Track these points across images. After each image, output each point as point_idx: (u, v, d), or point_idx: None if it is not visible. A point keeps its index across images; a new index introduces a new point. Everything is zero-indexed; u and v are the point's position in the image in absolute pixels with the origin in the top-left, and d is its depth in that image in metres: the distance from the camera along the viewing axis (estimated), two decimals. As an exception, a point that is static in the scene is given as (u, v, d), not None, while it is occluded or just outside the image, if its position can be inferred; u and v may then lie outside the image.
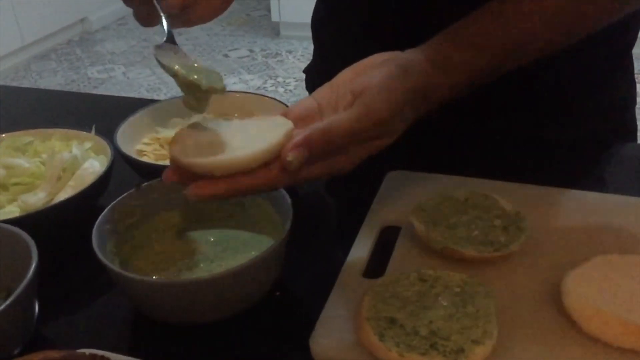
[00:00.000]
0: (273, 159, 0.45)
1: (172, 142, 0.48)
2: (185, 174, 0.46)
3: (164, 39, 0.55)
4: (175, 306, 0.51)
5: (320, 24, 0.87)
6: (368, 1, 0.73)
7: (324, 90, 0.53)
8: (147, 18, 0.58)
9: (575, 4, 0.55)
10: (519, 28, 0.55)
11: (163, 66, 0.51)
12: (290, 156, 0.44)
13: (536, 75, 0.70)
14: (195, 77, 0.50)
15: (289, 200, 0.54)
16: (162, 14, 0.56)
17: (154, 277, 0.55)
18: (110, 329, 0.54)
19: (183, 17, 0.59)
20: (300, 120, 0.50)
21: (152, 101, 0.96)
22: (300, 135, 0.45)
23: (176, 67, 0.50)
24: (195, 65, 0.53)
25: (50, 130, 0.71)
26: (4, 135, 0.70)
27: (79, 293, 0.58)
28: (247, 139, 0.47)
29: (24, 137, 0.70)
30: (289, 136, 0.46)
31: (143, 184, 0.59)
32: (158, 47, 0.54)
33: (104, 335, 0.53)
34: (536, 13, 0.55)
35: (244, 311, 0.52)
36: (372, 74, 0.49)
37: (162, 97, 3.15)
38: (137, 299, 0.52)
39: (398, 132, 0.50)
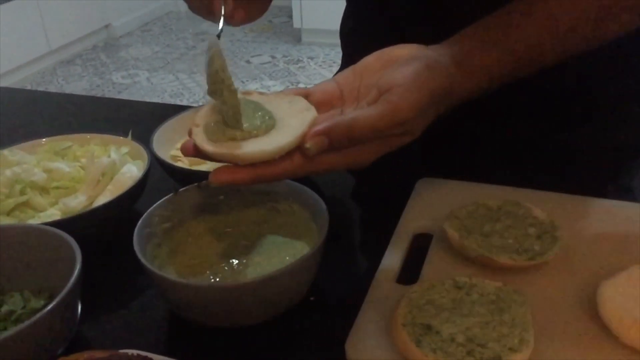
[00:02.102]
0: (295, 149, 0.46)
1: (195, 123, 0.49)
2: (205, 155, 0.47)
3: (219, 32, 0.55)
4: (211, 309, 0.52)
5: (349, 34, 0.88)
6: (396, 11, 0.74)
7: (347, 75, 0.53)
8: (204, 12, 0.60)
9: (605, 6, 0.55)
10: (545, 29, 0.55)
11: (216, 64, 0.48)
12: (309, 143, 0.45)
13: (567, 84, 0.70)
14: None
15: (324, 207, 0.55)
16: (222, 14, 0.57)
17: (191, 281, 0.56)
18: (148, 330, 0.55)
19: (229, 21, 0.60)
20: (322, 104, 0.51)
21: (182, 107, 0.98)
22: (322, 124, 0.46)
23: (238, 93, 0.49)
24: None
25: (88, 135, 0.73)
26: (44, 140, 0.72)
27: (117, 294, 0.60)
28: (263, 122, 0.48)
29: (63, 141, 0.71)
30: (312, 125, 0.47)
31: (180, 189, 0.60)
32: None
33: (142, 336, 0.54)
34: (563, 14, 0.55)
35: (279, 315, 0.53)
36: (400, 71, 0.49)
37: (184, 102, 3.19)
38: (175, 301, 0.53)
39: (419, 131, 0.50)
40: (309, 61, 3.61)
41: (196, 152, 0.48)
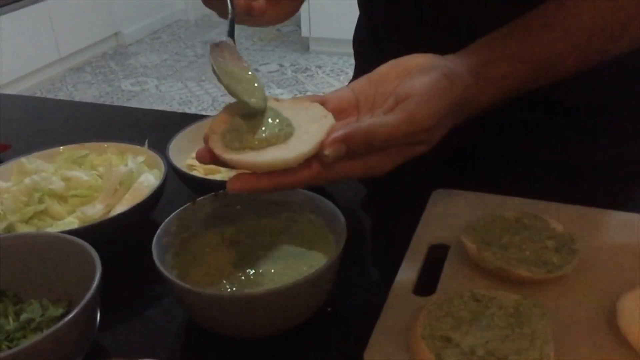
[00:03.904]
0: (313, 156, 0.46)
1: (211, 130, 0.48)
2: (222, 162, 0.47)
3: (225, 35, 0.54)
4: (228, 319, 0.52)
5: (363, 43, 0.88)
6: (410, 21, 0.74)
7: (362, 84, 0.53)
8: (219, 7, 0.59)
9: (620, 15, 0.55)
10: (563, 40, 0.55)
11: (215, 72, 0.49)
12: (327, 150, 0.45)
13: (584, 97, 0.70)
14: (245, 97, 0.49)
15: (342, 217, 0.55)
16: (230, 7, 0.55)
17: (210, 291, 0.56)
18: (165, 339, 0.55)
19: (253, 19, 0.60)
20: (337, 112, 0.51)
21: (195, 116, 0.99)
22: (340, 131, 0.46)
23: (226, 81, 0.49)
24: (249, 73, 0.51)
25: (105, 144, 0.73)
26: (61, 148, 0.72)
27: (134, 303, 0.60)
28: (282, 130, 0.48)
29: (80, 150, 0.72)
30: (330, 133, 0.47)
31: (198, 199, 0.60)
32: (215, 45, 0.52)
33: (159, 345, 0.55)
34: (581, 25, 0.55)
35: (296, 326, 0.53)
36: (418, 80, 0.49)
37: (193, 110, 3.20)
38: (193, 310, 0.53)
39: (436, 140, 0.50)
40: (317, 70, 3.62)
41: (213, 159, 0.47)
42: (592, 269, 0.54)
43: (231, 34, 0.54)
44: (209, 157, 0.47)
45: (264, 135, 0.47)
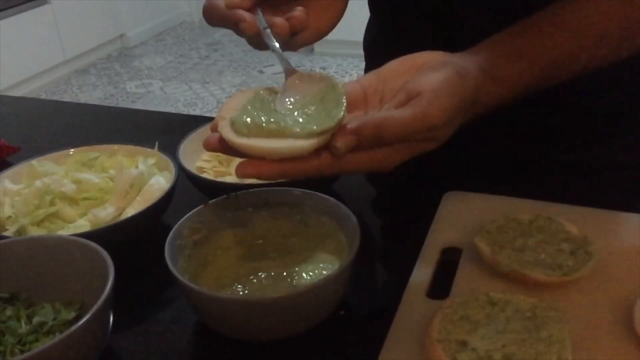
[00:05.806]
0: (324, 146, 0.46)
1: (220, 116, 0.47)
2: (229, 148, 0.46)
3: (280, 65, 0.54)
4: (241, 323, 0.51)
5: (373, 44, 0.88)
6: (420, 21, 0.74)
7: (371, 79, 0.53)
8: (259, 45, 0.59)
9: (631, 16, 0.55)
10: (573, 40, 0.55)
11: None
12: (339, 142, 0.45)
13: (597, 97, 0.69)
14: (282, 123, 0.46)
15: (355, 220, 0.55)
16: (273, 43, 0.55)
17: (223, 294, 0.55)
18: (177, 342, 0.55)
19: (289, 42, 0.59)
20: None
21: (203, 119, 0.99)
22: (351, 123, 0.46)
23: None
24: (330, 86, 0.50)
25: (115, 146, 0.73)
26: (71, 150, 0.72)
27: (145, 306, 0.60)
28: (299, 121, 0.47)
29: (90, 152, 0.72)
30: (340, 123, 0.46)
31: (209, 202, 0.60)
32: (283, 91, 0.51)
33: (171, 348, 0.54)
34: (591, 25, 0.55)
35: (309, 330, 0.53)
36: (429, 76, 0.49)
37: (197, 112, 3.20)
38: (205, 314, 0.53)
39: (445, 138, 0.50)
40: (321, 71, 3.62)
41: (221, 146, 0.47)
42: (608, 272, 0.54)
43: (288, 64, 0.53)
44: (218, 144, 0.47)
45: (273, 125, 0.46)
